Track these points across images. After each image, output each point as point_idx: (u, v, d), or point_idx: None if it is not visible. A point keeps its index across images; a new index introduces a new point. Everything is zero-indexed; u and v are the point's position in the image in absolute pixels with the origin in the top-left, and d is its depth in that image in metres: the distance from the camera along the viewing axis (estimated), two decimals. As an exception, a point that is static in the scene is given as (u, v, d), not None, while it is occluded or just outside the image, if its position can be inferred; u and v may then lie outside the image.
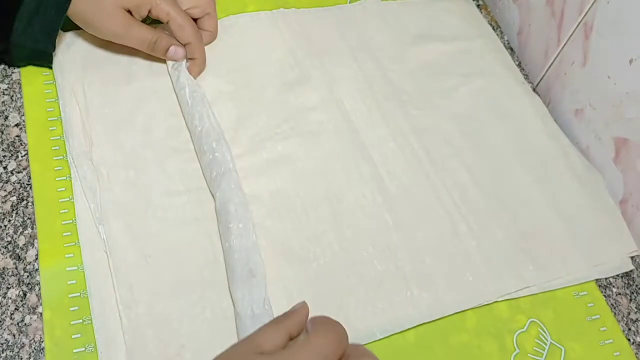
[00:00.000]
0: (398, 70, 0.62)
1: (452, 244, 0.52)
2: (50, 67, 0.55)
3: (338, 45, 0.63)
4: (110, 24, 0.52)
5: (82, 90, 0.54)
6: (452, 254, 0.51)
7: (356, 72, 0.61)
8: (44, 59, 0.54)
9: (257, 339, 0.34)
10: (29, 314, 0.44)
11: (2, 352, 0.42)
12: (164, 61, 0.57)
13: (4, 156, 0.50)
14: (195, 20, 0.56)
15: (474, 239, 0.53)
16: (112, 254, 0.46)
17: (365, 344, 0.46)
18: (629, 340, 0.51)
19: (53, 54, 0.54)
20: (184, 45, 0.55)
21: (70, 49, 0.55)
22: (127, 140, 0.52)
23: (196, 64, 0.55)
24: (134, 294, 0.45)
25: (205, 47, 0.57)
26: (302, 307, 0.36)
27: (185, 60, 0.55)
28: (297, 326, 0.35)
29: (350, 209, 0.52)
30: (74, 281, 0.45)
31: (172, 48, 0.54)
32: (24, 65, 0.55)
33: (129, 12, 0.52)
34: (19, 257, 0.46)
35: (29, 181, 0.49)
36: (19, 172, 0.50)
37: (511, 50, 0.69)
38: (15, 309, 0.44)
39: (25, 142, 0.51)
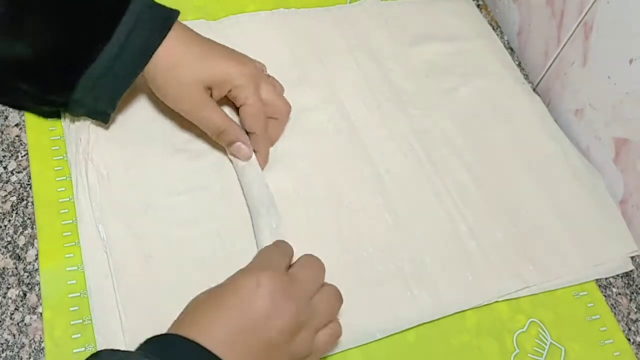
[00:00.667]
0: (398, 71, 0.62)
1: (452, 244, 0.52)
2: (106, 123, 0.52)
3: (338, 45, 0.63)
4: (183, 100, 0.49)
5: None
6: (452, 254, 0.51)
7: (356, 72, 0.61)
8: (101, 118, 0.51)
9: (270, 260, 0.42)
10: (29, 314, 0.44)
11: (2, 352, 0.42)
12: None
13: (4, 156, 0.50)
14: None
15: (474, 239, 0.53)
16: (112, 253, 0.46)
17: (365, 344, 0.46)
18: (629, 340, 0.51)
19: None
20: (250, 135, 0.51)
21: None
22: (127, 140, 0.52)
23: (259, 158, 0.52)
24: (134, 294, 0.45)
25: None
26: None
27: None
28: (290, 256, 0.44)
29: (351, 209, 0.52)
30: (74, 281, 0.45)
31: (237, 144, 0.51)
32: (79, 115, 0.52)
33: (210, 88, 0.49)
34: (19, 257, 0.46)
35: (29, 181, 0.49)
36: (19, 172, 0.50)
37: (511, 50, 0.69)
38: (15, 309, 0.44)
39: (25, 142, 0.51)
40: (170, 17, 0.48)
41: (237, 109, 0.52)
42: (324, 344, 0.41)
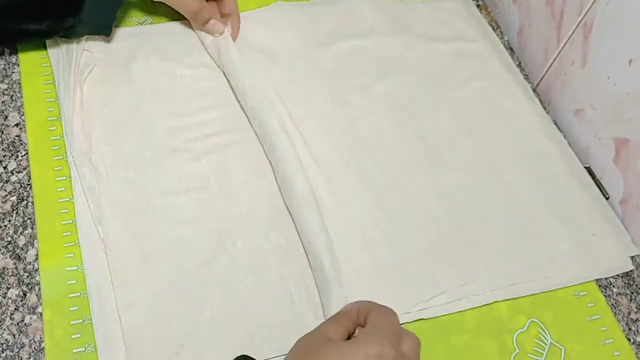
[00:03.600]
0: (398, 70, 0.62)
1: (451, 243, 0.52)
2: (108, 37, 0.57)
3: (338, 44, 0.63)
4: None
5: (82, 90, 0.54)
6: (451, 253, 0.51)
7: (355, 72, 0.61)
8: (105, 32, 0.56)
9: (324, 330, 0.39)
10: (29, 314, 0.44)
11: (2, 352, 0.42)
12: (162, 61, 0.57)
13: (4, 156, 0.50)
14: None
15: (473, 239, 0.52)
16: (111, 253, 0.46)
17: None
18: (629, 340, 0.51)
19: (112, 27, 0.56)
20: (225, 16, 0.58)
21: (69, 50, 0.55)
22: (126, 140, 0.52)
23: (235, 27, 0.59)
24: (133, 294, 0.45)
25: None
26: (352, 307, 0.41)
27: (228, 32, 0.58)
28: (352, 323, 0.40)
29: (351, 209, 0.52)
30: (74, 281, 0.45)
31: (212, 21, 0.57)
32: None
33: None
34: (19, 257, 0.46)
35: (29, 181, 0.49)
36: (19, 172, 0.50)
37: (511, 50, 0.69)
38: (15, 309, 0.44)
39: (25, 142, 0.51)
40: None
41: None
42: None
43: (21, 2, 0.50)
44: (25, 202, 0.48)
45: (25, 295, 0.44)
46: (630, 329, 0.52)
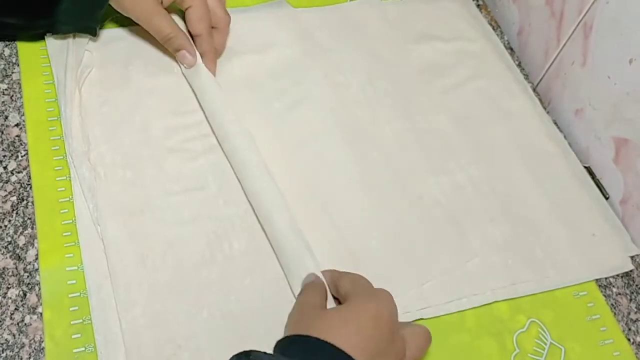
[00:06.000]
0: (397, 70, 0.62)
1: (451, 244, 0.52)
2: (95, 38, 0.56)
3: (338, 44, 0.63)
4: (136, 9, 0.53)
5: (81, 90, 0.54)
6: (451, 254, 0.51)
7: (355, 71, 0.61)
8: (89, 32, 0.55)
9: (309, 301, 0.43)
10: (28, 314, 0.44)
11: (2, 352, 0.42)
12: (160, 62, 0.57)
13: (4, 156, 0.50)
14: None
15: (473, 239, 0.52)
16: (109, 254, 0.46)
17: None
18: (628, 340, 0.51)
19: (96, 28, 0.55)
20: (196, 37, 0.55)
21: (69, 50, 0.55)
22: (125, 140, 0.52)
23: (206, 60, 0.55)
24: (131, 294, 0.45)
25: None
26: (317, 277, 0.45)
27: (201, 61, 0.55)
28: (325, 291, 0.44)
29: (348, 209, 0.52)
30: (74, 281, 0.45)
31: (182, 51, 0.54)
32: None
33: None
34: (19, 257, 0.46)
35: (28, 181, 0.49)
36: (19, 172, 0.50)
37: (511, 50, 0.69)
38: (15, 309, 0.44)
39: (25, 142, 0.51)
40: None
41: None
42: None
43: None
44: (25, 202, 0.48)
45: (25, 295, 0.44)
46: (630, 329, 0.52)
